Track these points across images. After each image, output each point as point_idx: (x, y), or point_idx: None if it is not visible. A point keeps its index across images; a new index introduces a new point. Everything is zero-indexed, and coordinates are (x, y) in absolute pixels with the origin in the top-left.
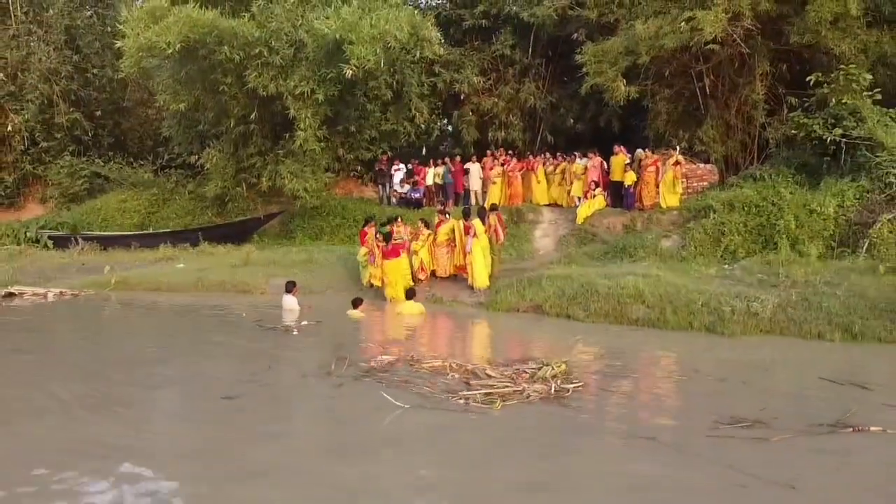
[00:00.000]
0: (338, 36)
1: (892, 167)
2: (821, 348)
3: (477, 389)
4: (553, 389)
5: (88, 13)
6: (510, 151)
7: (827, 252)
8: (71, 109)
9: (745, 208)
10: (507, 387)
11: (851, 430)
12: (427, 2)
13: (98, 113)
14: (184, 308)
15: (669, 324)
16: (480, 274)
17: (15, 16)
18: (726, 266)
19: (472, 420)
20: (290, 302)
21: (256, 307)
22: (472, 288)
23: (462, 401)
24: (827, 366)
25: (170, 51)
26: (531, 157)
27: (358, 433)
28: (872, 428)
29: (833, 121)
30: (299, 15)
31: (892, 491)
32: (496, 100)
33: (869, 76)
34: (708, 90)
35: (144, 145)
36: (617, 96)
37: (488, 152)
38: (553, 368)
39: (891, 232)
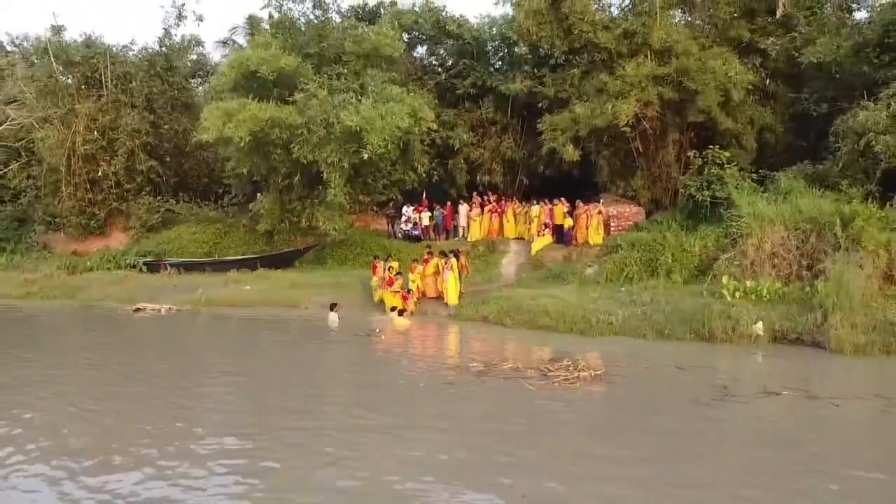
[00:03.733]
0: (358, 128)
1: (736, 220)
2: (646, 344)
3: (556, 377)
4: (592, 374)
5: (161, 81)
6: (488, 195)
7: (692, 279)
8: (147, 158)
9: (641, 247)
10: (569, 375)
11: (776, 394)
12: (428, 67)
13: (167, 159)
14: (275, 319)
15: (559, 329)
16: (452, 295)
17: (106, 87)
18: (622, 289)
19: (574, 392)
20: (332, 318)
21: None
22: (447, 305)
23: (556, 383)
24: (664, 356)
25: (241, 144)
26: (504, 201)
27: (526, 402)
28: (784, 392)
29: (707, 183)
30: (330, 104)
31: (804, 410)
32: (483, 151)
33: (727, 154)
34: (640, 149)
35: (201, 182)
36: (568, 157)
37: (475, 193)
38: (583, 362)
39: (727, 266)
